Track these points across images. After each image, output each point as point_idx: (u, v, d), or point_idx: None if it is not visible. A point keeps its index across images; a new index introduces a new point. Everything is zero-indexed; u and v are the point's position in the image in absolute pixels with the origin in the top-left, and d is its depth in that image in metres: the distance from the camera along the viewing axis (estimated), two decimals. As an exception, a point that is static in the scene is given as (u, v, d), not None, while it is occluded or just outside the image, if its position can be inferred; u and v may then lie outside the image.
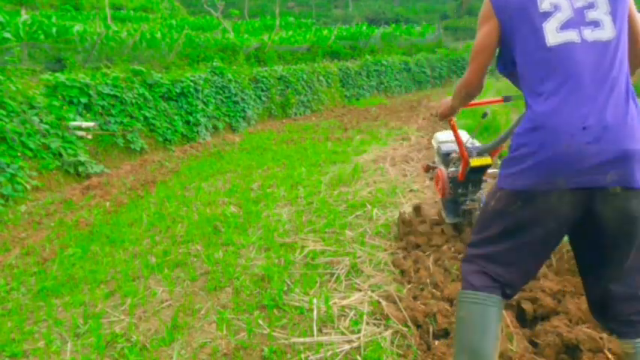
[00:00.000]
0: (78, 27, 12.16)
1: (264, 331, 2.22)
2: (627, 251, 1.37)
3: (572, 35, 1.39)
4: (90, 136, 6.62)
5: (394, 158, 5.88)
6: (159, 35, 13.46)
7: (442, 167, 3.08)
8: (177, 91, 8.66)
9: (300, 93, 12.64)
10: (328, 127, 9.78)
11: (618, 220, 1.34)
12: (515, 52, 1.48)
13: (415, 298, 2.46)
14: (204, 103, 9.29)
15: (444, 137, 3.26)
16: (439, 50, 20.06)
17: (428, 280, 2.57)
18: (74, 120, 6.50)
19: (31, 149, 5.57)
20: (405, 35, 22.16)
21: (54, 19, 13.50)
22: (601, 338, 1.88)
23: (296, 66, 13.51)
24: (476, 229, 1.60)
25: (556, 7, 1.41)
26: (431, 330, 2.14)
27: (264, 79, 11.58)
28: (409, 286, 2.60)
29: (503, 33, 1.50)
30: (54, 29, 11.50)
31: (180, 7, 36.12)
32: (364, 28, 21.90)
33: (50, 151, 5.84)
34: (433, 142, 3.46)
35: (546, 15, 1.41)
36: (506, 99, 2.56)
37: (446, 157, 3.07)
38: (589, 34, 1.39)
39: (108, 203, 4.92)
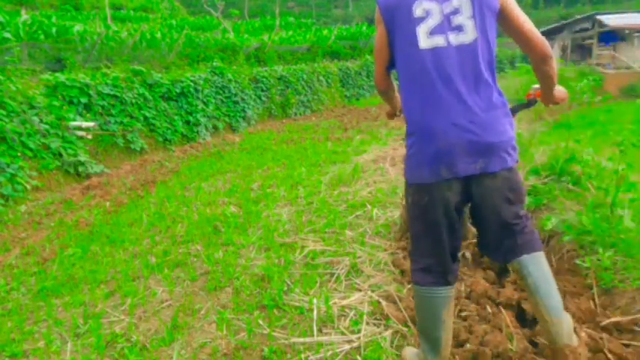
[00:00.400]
0: (78, 27, 12.16)
1: (264, 331, 2.22)
2: (501, 208, 1.64)
3: (439, 40, 1.57)
4: (90, 136, 6.63)
5: (394, 158, 5.88)
6: (159, 35, 13.46)
7: None
8: (177, 91, 8.66)
9: (300, 93, 12.65)
10: (328, 127, 9.78)
11: (485, 196, 1.63)
12: (395, 52, 1.68)
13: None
14: (204, 103, 9.29)
15: None
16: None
17: None
18: (74, 120, 6.51)
19: (31, 149, 5.57)
20: (404, 35, 22.10)
21: (54, 19, 13.50)
22: (601, 338, 1.88)
23: (296, 66, 13.52)
24: (409, 227, 1.85)
25: (428, 13, 1.58)
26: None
27: (264, 79, 11.58)
28: (409, 286, 2.59)
29: (389, 35, 1.68)
30: (54, 29, 11.50)
31: (180, 7, 36.14)
32: (364, 28, 21.89)
33: (50, 151, 5.85)
34: None
35: (419, 20, 1.58)
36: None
37: None
38: (454, 38, 1.57)
39: (108, 203, 4.92)
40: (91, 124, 6.61)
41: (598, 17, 23.42)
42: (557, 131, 8.40)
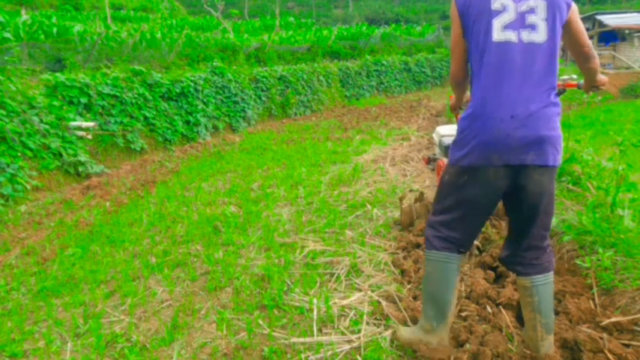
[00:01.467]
0: (78, 27, 12.17)
1: (264, 331, 2.22)
2: (537, 214, 1.74)
3: (511, 35, 1.66)
4: (90, 136, 6.62)
5: (394, 158, 5.88)
6: (159, 35, 13.46)
7: (443, 158, 3.27)
8: (177, 91, 8.66)
9: (300, 93, 12.64)
10: (328, 127, 9.78)
11: (534, 191, 1.70)
12: (470, 42, 1.75)
13: (415, 298, 2.46)
14: (204, 103, 9.29)
15: (445, 131, 3.50)
16: (439, 50, 20.06)
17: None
18: (74, 120, 6.50)
19: (31, 149, 5.56)
20: (405, 35, 22.15)
21: (54, 19, 13.50)
22: (601, 338, 1.88)
23: (296, 66, 13.51)
24: (436, 199, 1.94)
25: (505, 8, 1.67)
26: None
27: (264, 79, 11.58)
28: (409, 286, 2.60)
29: (464, 27, 1.76)
30: (54, 29, 11.51)
31: (180, 7, 36.14)
32: (364, 28, 21.91)
33: (50, 151, 5.84)
34: (434, 135, 3.59)
35: (496, 13, 1.67)
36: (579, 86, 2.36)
37: (447, 149, 3.24)
38: (526, 35, 1.66)
39: (108, 203, 4.92)
40: (91, 124, 6.61)
41: (598, 17, 23.43)
42: (557, 131, 8.39)
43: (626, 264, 2.32)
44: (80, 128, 6.46)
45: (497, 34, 1.66)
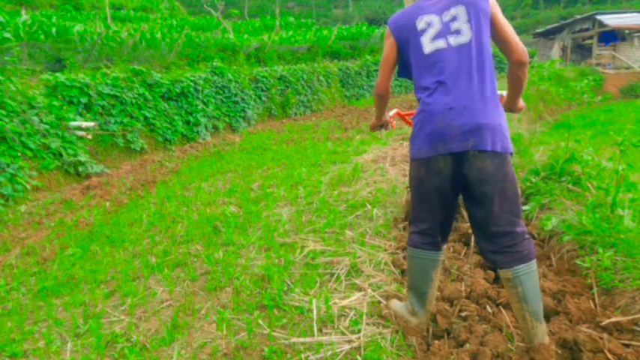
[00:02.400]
0: (78, 27, 12.17)
1: (264, 331, 2.22)
2: (491, 199, 1.81)
3: (440, 43, 1.89)
4: (90, 136, 6.62)
5: (394, 158, 5.88)
6: (159, 35, 13.47)
7: None
8: (177, 91, 8.66)
9: (300, 93, 12.64)
10: (328, 127, 9.78)
11: (478, 175, 1.80)
12: (409, 60, 2.00)
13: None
14: (204, 103, 9.29)
15: None
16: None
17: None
18: (74, 120, 6.51)
19: (31, 149, 5.57)
20: (405, 35, 22.11)
21: (54, 19, 13.52)
22: (601, 338, 1.88)
23: (296, 66, 13.52)
24: (411, 197, 2.09)
25: (429, 25, 1.92)
26: (430, 330, 2.14)
27: (264, 79, 11.58)
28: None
29: (400, 48, 2.03)
30: (54, 29, 11.51)
31: (180, 7, 36.13)
32: (364, 28, 21.91)
33: (50, 151, 5.85)
34: None
35: (422, 32, 1.93)
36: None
37: None
38: (453, 40, 1.88)
39: (108, 203, 4.92)
40: (91, 124, 6.61)
41: (598, 17, 23.43)
42: (557, 131, 8.41)
43: (626, 264, 2.33)
44: (80, 128, 6.46)
45: (427, 47, 1.91)
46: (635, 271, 2.25)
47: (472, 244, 3.08)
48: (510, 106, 2.15)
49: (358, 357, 1.98)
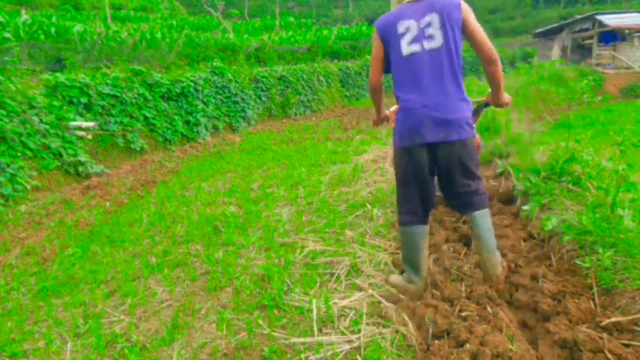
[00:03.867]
0: (78, 27, 12.17)
1: (264, 331, 2.22)
2: (454, 173, 2.27)
3: (415, 47, 2.18)
4: (90, 136, 6.62)
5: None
6: (159, 35, 13.47)
7: None
8: (177, 91, 8.66)
9: (300, 93, 12.64)
10: (328, 127, 9.78)
11: (446, 158, 2.23)
12: (391, 60, 2.30)
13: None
14: (204, 103, 9.29)
15: None
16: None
17: (428, 280, 2.58)
18: (74, 120, 6.50)
19: (31, 149, 5.57)
20: (405, 35, 22.11)
21: (54, 19, 13.52)
22: (601, 338, 1.88)
23: (296, 66, 13.52)
24: (396, 182, 2.45)
25: (407, 29, 2.19)
26: (430, 330, 2.14)
27: (264, 79, 11.58)
28: (409, 286, 2.59)
29: (385, 47, 2.32)
30: (54, 29, 11.51)
31: (180, 7, 36.14)
32: (364, 28, 21.90)
33: (50, 151, 5.84)
34: None
35: (401, 35, 2.21)
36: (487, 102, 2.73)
37: None
38: (427, 44, 2.17)
39: (108, 203, 4.92)
40: (91, 124, 6.61)
41: (598, 17, 23.42)
42: (557, 131, 8.41)
43: (626, 264, 2.32)
44: (80, 128, 6.46)
45: (405, 49, 2.20)
46: (635, 271, 2.25)
47: (472, 244, 3.08)
48: (495, 102, 2.45)
49: (358, 357, 1.98)
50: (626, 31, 22.64)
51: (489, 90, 2.45)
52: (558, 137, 5.40)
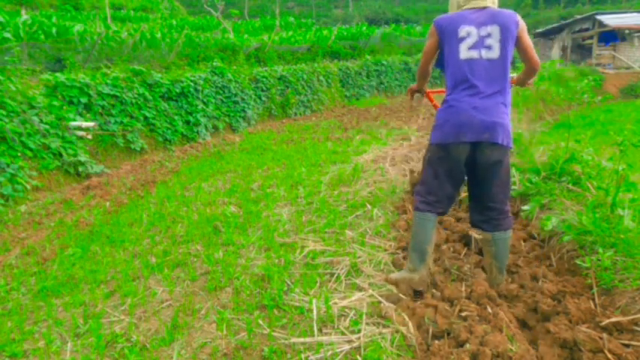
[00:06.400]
0: (78, 27, 12.17)
1: (264, 331, 2.22)
2: (492, 181, 2.37)
3: (474, 54, 2.32)
4: (90, 136, 6.62)
5: (394, 158, 5.88)
6: (159, 35, 13.46)
7: None
8: (177, 91, 8.65)
9: (300, 93, 12.64)
10: (328, 127, 9.78)
11: (486, 161, 2.32)
12: (445, 58, 2.42)
13: (415, 297, 2.46)
14: (204, 103, 9.29)
15: None
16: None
17: (428, 280, 2.58)
18: (74, 120, 6.50)
19: (31, 149, 5.56)
20: (405, 35, 22.16)
21: (54, 19, 13.52)
22: (601, 338, 1.88)
23: (296, 66, 13.51)
24: (422, 172, 2.59)
25: (468, 34, 2.32)
26: (430, 330, 2.14)
27: (264, 79, 11.57)
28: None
29: (441, 45, 2.44)
30: (54, 29, 11.50)
31: (180, 7, 36.14)
32: (364, 28, 21.91)
33: (50, 151, 5.84)
34: None
35: (462, 39, 2.33)
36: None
37: None
38: (485, 53, 2.31)
39: (108, 203, 4.92)
40: (91, 124, 6.61)
41: (598, 17, 23.42)
42: (557, 131, 8.40)
43: (626, 264, 2.32)
44: (80, 128, 6.46)
45: (463, 54, 2.32)
46: (635, 271, 2.25)
47: (472, 244, 3.08)
48: (521, 84, 2.73)
49: (358, 357, 1.98)
50: (626, 31, 22.63)
51: (515, 74, 2.73)
52: (558, 137, 5.40)
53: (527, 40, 2.39)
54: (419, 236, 2.49)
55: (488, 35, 2.30)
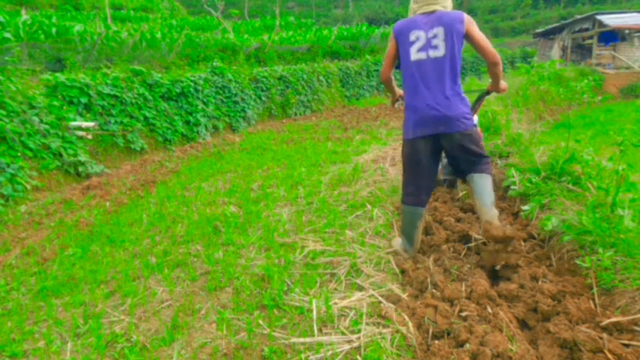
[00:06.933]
0: (78, 27, 12.15)
1: (264, 331, 2.22)
2: (460, 156, 2.68)
3: (422, 55, 2.59)
4: (90, 136, 6.62)
5: (394, 158, 5.88)
6: (159, 35, 13.45)
7: None
8: (177, 91, 8.65)
9: (300, 93, 12.64)
10: (328, 127, 9.78)
11: (450, 146, 2.64)
12: (400, 61, 2.71)
13: (415, 298, 2.46)
14: (204, 103, 9.29)
15: None
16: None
17: (428, 280, 2.58)
18: (74, 120, 6.50)
19: (31, 149, 5.56)
20: (405, 35, 22.07)
21: (54, 19, 13.50)
22: (601, 338, 1.88)
23: (296, 66, 13.51)
24: (403, 170, 2.86)
25: (417, 38, 2.59)
26: (431, 330, 2.14)
27: (264, 79, 11.57)
28: (409, 286, 2.60)
29: (398, 48, 2.71)
30: (54, 29, 11.49)
31: (180, 7, 36.14)
32: (364, 28, 21.89)
33: (50, 151, 5.84)
34: None
35: (412, 43, 2.61)
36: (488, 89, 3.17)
37: None
38: (432, 53, 2.57)
39: (108, 203, 4.92)
40: (91, 124, 6.61)
41: (598, 17, 23.41)
42: (557, 131, 8.41)
43: (626, 264, 2.32)
44: (80, 128, 6.46)
45: (414, 55, 2.61)
46: (635, 271, 2.25)
47: (472, 244, 3.08)
48: (494, 89, 2.91)
49: (358, 357, 1.98)
50: (626, 31, 22.63)
51: (490, 81, 2.87)
52: (558, 137, 5.41)
53: (478, 34, 2.55)
54: (406, 226, 2.86)
55: (435, 36, 2.53)
